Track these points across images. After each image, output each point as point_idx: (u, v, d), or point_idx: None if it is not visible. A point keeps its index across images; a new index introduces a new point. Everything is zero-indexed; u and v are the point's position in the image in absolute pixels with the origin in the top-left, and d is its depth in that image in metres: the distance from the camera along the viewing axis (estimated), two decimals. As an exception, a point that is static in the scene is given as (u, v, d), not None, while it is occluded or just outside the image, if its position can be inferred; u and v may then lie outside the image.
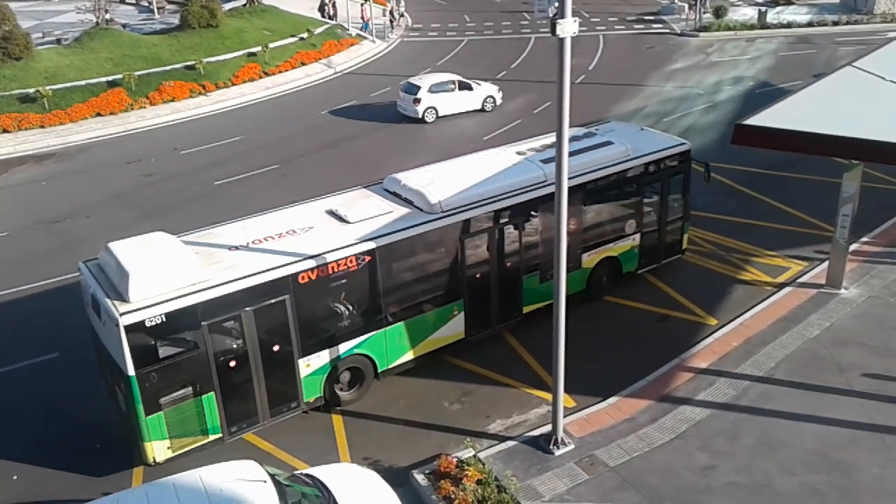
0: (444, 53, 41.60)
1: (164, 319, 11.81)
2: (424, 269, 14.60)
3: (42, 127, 30.49)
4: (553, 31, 10.35)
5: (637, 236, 17.39)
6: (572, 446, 12.82)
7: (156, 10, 50.38)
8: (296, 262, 12.95)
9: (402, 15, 48.60)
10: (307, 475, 11.35)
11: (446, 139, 27.55)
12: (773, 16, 44.27)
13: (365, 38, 44.37)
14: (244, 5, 44.58)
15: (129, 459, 13.13)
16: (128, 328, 11.53)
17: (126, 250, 12.68)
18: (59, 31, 42.13)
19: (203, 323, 12.19)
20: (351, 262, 13.40)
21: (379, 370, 14.45)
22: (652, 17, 47.73)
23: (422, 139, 28.18)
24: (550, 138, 17.16)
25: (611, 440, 12.94)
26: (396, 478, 12.35)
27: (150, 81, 33.68)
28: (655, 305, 16.99)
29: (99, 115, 31.70)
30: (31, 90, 31.23)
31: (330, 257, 13.21)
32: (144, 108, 32.65)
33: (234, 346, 12.67)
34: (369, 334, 14.09)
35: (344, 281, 13.48)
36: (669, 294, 17.37)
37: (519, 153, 16.77)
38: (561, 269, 11.83)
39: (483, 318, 15.53)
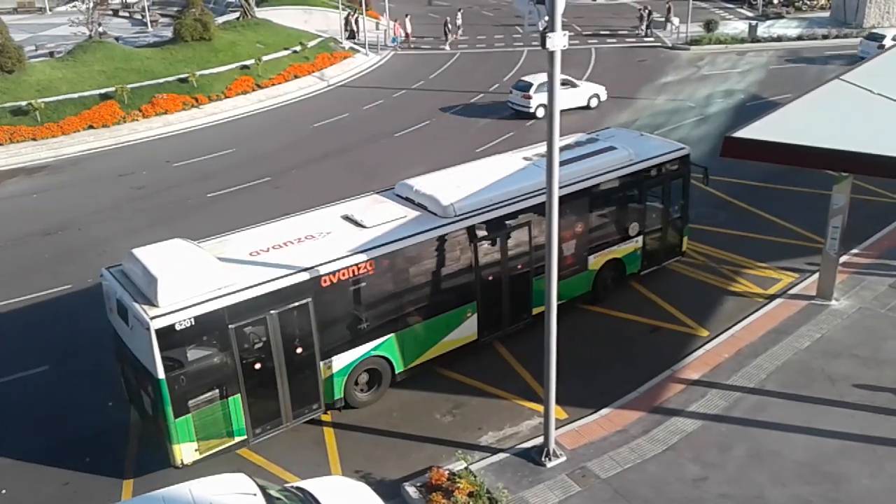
0: (436, 67, 41.80)
1: (193, 323, 11.97)
2: (439, 272, 14.84)
3: (34, 139, 30.50)
4: (543, 44, 10.42)
5: (640, 238, 17.79)
6: (564, 458, 12.79)
7: (149, 23, 50.55)
8: (318, 265, 13.20)
9: (459, 27, 48.78)
10: (298, 488, 11.29)
11: (431, 151, 27.59)
12: (763, 29, 44.67)
13: (359, 51, 44.54)
14: (237, 18, 44.74)
15: (119, 472, 13.06)
16: (158, 332, 11.66)
17: (151, 256, 12.84)
18: (51, 44, 42.22)
19: (230, 326, 12.36)
20: (370, 265, 13.68)
21: (396, 371, 14.66)
22: (643, 31, 48.01)
23: (407, 151, 28.20)
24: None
25: (603, 452, 12.92)
26: (388, 490, 12.30)
27: (143, 94, 33.74)
28: (647, 317, 17.02)
29: (91, 127, 31.72)
30: (24, 103, 31.27)
31: (350, 261, 13.48)
32: (137, 120, 32.69)
33: (259, 348, 12.81)
34: (386, 336, 14.32)
35: (363, 284, 13.76)
36: (661, 305, 17.41)
37: (526, 158, 17.13)
38: (552, 280, 11.83)
39: (495, 320, 15.76)
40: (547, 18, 10.54)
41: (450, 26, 47.06)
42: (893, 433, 12.96)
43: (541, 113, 30.84)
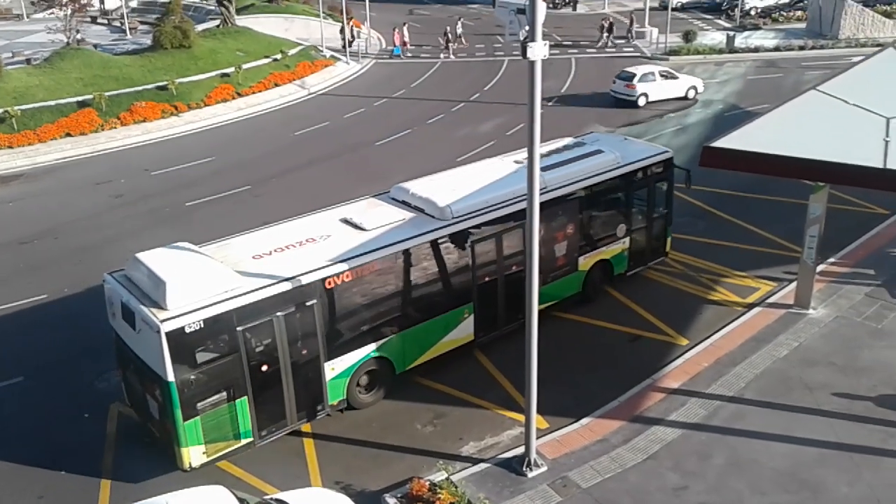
0: (418, 76, 41.85)
1: (202, 325, 12.01)
2: (437, 273, 15.09)
3: (10, 147, 30.14)
4: (524, 54, 10.45)
5: (627, 239, 18.21)
6: (545, 468, 12.78)
7: (128, 31, 50.26)
8: (322, 268, 13.36)
9: (459, 36, 48.79)
10: (277, 500, 11.17)
11: (412, 160, 27.58)
12: (741, 40, 45.14)
13: (339, 59, 44.49)
14: (217, 26, 44.55)
15: (95, 484, 12.88)
16: (168, 335, 11.66)
17: (157, 260, 12.89)
18: (28, 51, 41.81)
19: (238, 328, 12.42)
20: (372, 267, 13.89)
21: (396, 372, 14.83)
22: (623, 41, 48.41)
23: (388, 160, 28.15)
24: (542, 148, 17.36)
25: (583, 461, 12.93)
26: (368, 502, 12.25)
27: (121, 102, 33.45)
28: (627, 326, 17.08)
29: (69, 135, 31.41)
30: (0, 110, 30.86)
31: (352, 263, 13.65)
32: (115, 128, 32.40)
33: (266, 350, 12.89)
34: (388, 337, 14.51)
35: (365, 286, 13.97)
36: (641, 314, 17.47)
37: (517, 161, 17.32)
38: (533, 289, 11.84)
39: (491, 321, 15.96)
40: (527, 28, 10.58)
41: (450, 35, 47.03)
42: (871, 441, 13.08)
43: (642, 101, 33.62)
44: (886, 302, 17.25)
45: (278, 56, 41.06)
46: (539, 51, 10.44)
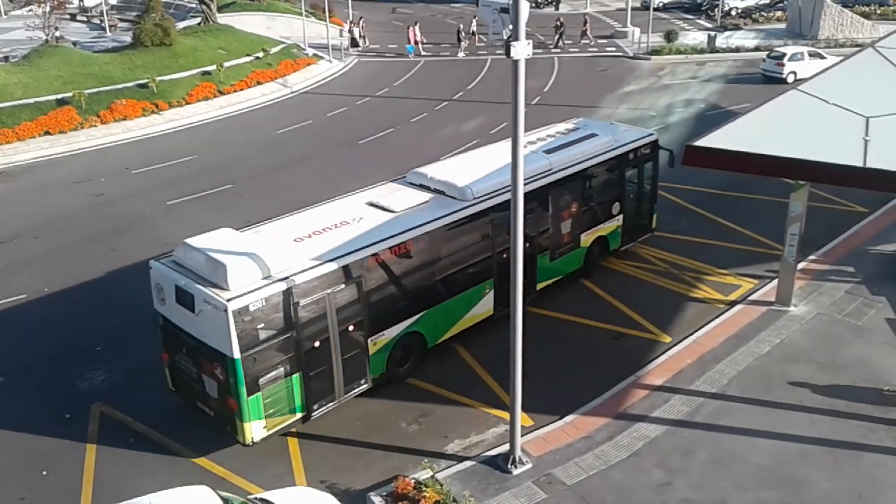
0: (401, 74, 41.80)
1: (264, 304, 12.52)
2: (463, 250, 15.85)
3: (-12, 145, 29.77)
4: (507, 53, 10.46)
5: (621, 217, 19.33)
6: (530, 465, 12.81)
7: (107, 28, 49.82)
8: (366, 247, 14.05)
9: (474, 34, 48.39)
10: (262, 499, 11.12)
11: (395, 158, 27.55)
12: (722, 40, 45.45)
13: (322, 57, 44.34)
14: (199, 24, 44.28)
15: (77, 486, 12.76)
16: (235, 313, 12.11)
17: (210, 244, 13.33)
18: (7, 49, 41.39)
19: (293, 306, 12.90)
20: (409, 246, 14.67)
21: (428, 346, 15.55)
22: (605, 41, 48.63)
23: (371, 158, 28.09)
24: (540, 133, 19.30)
25: (568, 458, 12.96)
26: (353, 500, 12.23)
27: (102, 100, 33.13)
28: (611, 323, 17.15)
29: (48, 133, 31.07)
30: (-23, 108, 30.53)
31: (391, 242, 14.40)
32: (95, 126, 32.10)
33: (318, 327, 13.40)
34: (421, 313, 15.19)
35: (401, 264, 14.68)
36: (624, 312, 17.56)
37: None
38: (517, 282, 11.89)
39: (507, 296, 16.02)
40: (511, 28, 10.58)
41: (462, 33, 46.90)
42: (851, 437, 13.21)
43: (791, 79, 35.59)
44: (866, 299, 17.44)
45: (260, 54, 40.85)
46: (523, 50, 10.45)
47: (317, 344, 13.41)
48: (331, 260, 13.53)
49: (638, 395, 14.58)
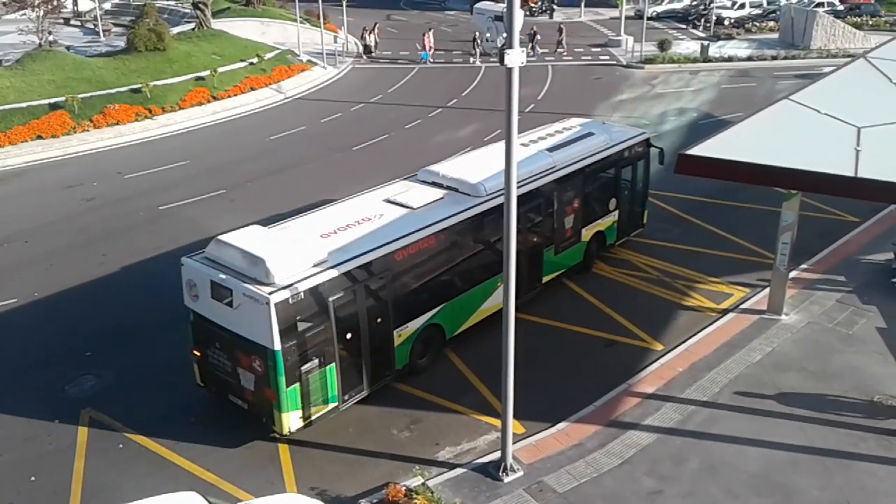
0: (395, 81, 41.85)
1: (302, 297, 12.90)
2: (477, 244, 16.37)
3: (-20, 149, 29.65)
4: (501, 60, 10.49)
5: (616, 213, 20.13)
6: (521, 473, 12.79)
7: (101, 33, 49.73)
8: (392, 241, 14.48)
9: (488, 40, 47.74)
10: (251, 506, 11.09)
11: (389, 165, 27.60)
12: (714, 49, 45.66)
13: (316, 63, 44.36)
14: (193, 29, 44.19)
15: (66, 492, 12.68)
16: (277, 306, 12.45)
17: (245, 240, 13.63)
18: (0, 53, 41.18)
19: (328, 299, 13.29)
20: (430, 241, 15.11)
21: (447, 338, 16.03)
22: (599, 49, 48.82)
23: (365, 165, 28.10)
24: (540, 132, 19.99)
25: (559, 466, 12.95)
26: (343, 507, 12.19)
27: (94, 104, 33.06)
28: (603, 331, 17.16)
29: (40, 137, 30.96)
30: (-31, 112, 30.41)
31: (415, 237, 14.85)
32: (88, 131, 32.00)
33: (350, 319, 13.83)
34: (441, 305, 15.68)
35: (424, 258, 15.18)
36: (616, 320, 17.57)
37: (523, 144, 18.49)
38: (510, 289, 11.93)
39: (518, 289, 16.69)
40: (505, 36, 10.63)
41: (478, 41, 46.92)
42: (842, 445, 13.25)
43: None
44: (857, 308, 17.50)
45: (254, 60, 40.84)
46: (517, 58, 10.48)
47: (349, 336, 13.83)
48: (361, 254, 13.96)
49: (630, 402, 14.59)
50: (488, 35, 47.46)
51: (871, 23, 51.43)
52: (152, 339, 17.02)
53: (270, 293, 12.53)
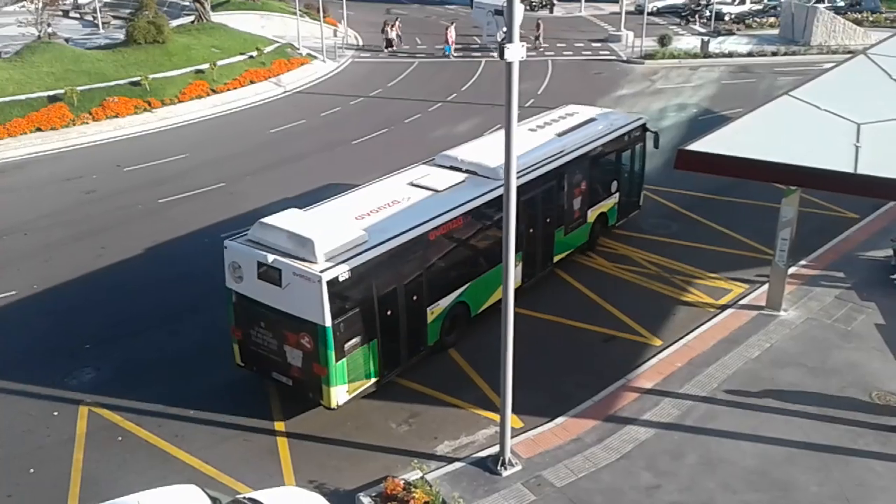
0: (394, 75, 41.77)
1: (350, 275, 13.35)
2: (498, 224, 16.36)
3: (-21, 142, 29.59)
4: (501, 55, 10.47)
5: (617, 195, 20.91)
6: (519, 467, 12.82)
7: (100, 25, 49.58)
8: (426, 222, 15.03)
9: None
10: (250, 499, 11.08)
11: (389, 159, 27.56)
12: (715, 45, 45.61)
13: (316, 57, 44.28)
14: (192, 22, 44.10)
15: (65, 484, 12.70)
16: (328, 283, 12.89)
17: (287, 222, 14.07)
18: (-1, 44, 41.10)
19: (372, 277, 13.84)
20: (458, 221, 15.68)
21: (471, 315, 16.56)
22: (599, 44, 48.74)
23: (365, 158, 28.09)
24: (541, 119, 20.64)
25: (558, 460, 12.98)
26: (342, 501, 12.21)
27: (94, 97, 32.97)
28: (601, 326, 17.18)
29: (39, 130, 30.90)
30: (-32, 104, 30.33)
31: (445, 218, 15.40)
32: (87, 123, 31.93)
33: (390, 296, 14.34)
34: (467, 284, 16.25)
35: (453, 238, 15.74)
36: (615, 315, 17.59)
37: (530, 129, 19.57)
38: (509, 283, 11.86)
39: (531, 267, 18.10)
40: (505, 30, 10.61)
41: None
42: (839, 441, 13.29)
43: None
44: (855, 304, 17.53)
45: (254, 53, 40.76)
46: (517, 52, 10.46)
47: (388, 313, 14.31)
48: (399, 234, 14.46)
49: (628, 397, 14.61)
50: (488, 29, 47.38)
51: (871, 19, 51.44)
52: (152, 332, 17.04)
53: (322, 271, 12.99)
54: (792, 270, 18.22)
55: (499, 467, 12.74)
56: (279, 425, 14.11)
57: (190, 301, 18.17)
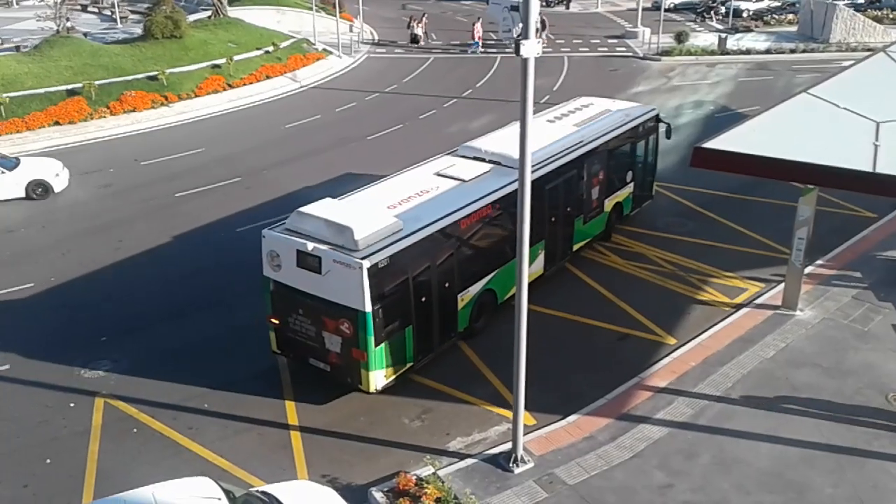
0: (410, 70, 41.76)
1: (388, 262, 13.67)
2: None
3: (-2, 134, 29.86)
4: (517, 51, 10.44)
5: (632, 184, 21.25)
6: (532, 464, 12.81)
7: (118, 20, 49.91)
8: (457, 210, 15.34)
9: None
10: (263, 492, 11.15)
11: (404, 154, 27.56)
12: (732, 42, 45.25)
13: (331, 52, 44.35)
14: (209, 17, 44.28)
15: (80, 474, 12.82)
16: (369, 270, 13.22)
17: (325, 211, 14.39)
18: (18, 38, 41.49)
19: (409, 264, 14.16)
20: (487, 210, 16.00)
21: (498, 302, 16.85)
22: (616, 41, 48.51)
23: (380, 154, 28.13)
24: (556, 111, 21.13)
25: (570, 458, 12.96)
26: (354, 495, 12.24)
27: (111, 91, 33.19)
28: (616, 324, 17.12)
29: (57, 123, 31.15)
30: (-12, 97, 30.61)
31: (475, 207, 15.70)
32: (104, 117, 32.15)
33: (424, 283, 14.66)
34: (495, 272, 16.54)
35: (481, 226, 16.08)
36: (629, 313, 17.52)
37: (549, 121, 20.08)
38: (523, 278, 11.92)
39: (553, 255, 18.53)
40: (520, 26, 10.57)
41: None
42: (855, 443, 13.18)
43: None
44: (873, 305, 17.38)
45: (270, 48, 40.87)
46: (532, 48, 10.42)
47: (423, 299, 14.60)
48: (432, 222, 14.76)
49: (641, 396, 14.56)
50: (503, 25, 47.26)
51: (891, 16, 50.85)
52: (168, 325, 17.15)
53: (362, 258, 13.28)
54: (808, 270, 18.08)
55: (511, 464, 12.74)
56: (293, 419, 14.17)
57: (206, 295, 18.29)
